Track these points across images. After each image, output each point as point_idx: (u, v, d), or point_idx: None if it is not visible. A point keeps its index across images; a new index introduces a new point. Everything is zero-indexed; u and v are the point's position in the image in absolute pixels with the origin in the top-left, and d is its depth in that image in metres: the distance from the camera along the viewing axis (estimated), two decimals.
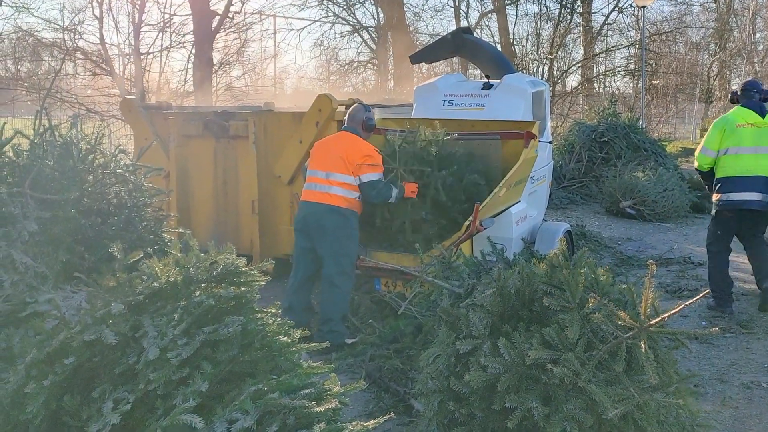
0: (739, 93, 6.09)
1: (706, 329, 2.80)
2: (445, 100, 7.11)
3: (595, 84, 26.73)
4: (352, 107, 5.63)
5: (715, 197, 5.98)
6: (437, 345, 3.29)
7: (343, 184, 5.23)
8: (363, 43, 23.71)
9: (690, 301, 2.78)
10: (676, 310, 2.68)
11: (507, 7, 22.76)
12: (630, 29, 26.60)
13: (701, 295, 2.93)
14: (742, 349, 5.18)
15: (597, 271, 3.19)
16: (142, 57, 15.38)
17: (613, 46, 26.17)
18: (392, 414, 3.27)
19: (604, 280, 3.16)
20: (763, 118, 5.85)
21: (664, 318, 2.68)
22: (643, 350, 2.66)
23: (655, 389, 2.79)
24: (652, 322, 2.68)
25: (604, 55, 26.48)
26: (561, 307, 2.80)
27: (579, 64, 24.67)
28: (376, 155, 5.34)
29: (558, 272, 3.09)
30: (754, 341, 5.37)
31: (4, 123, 3.79)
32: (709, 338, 5.23)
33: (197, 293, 2.62)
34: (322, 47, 24.27)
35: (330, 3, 22.65)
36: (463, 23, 23.29)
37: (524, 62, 22.45)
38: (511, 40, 22.67)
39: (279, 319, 2.72)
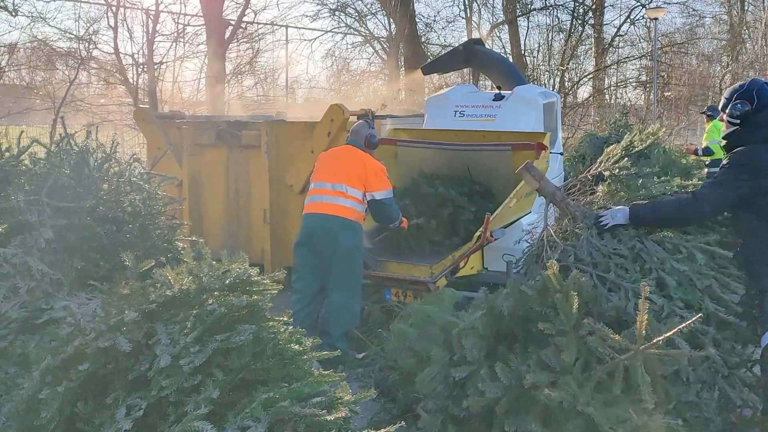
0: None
1: (704, 350, 2.75)
2: (456, 111, 7.13)
3: (606, 95, 26.70)
4: (356, 122, 5.62)
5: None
6: (433, 366, 3.27)
7: (352, 197, 5.16)
8: (374, 54, 23.81)
9: (685, 324, 2.73)
10: (671, 333, 2.65)
11: (518, 18, 22.79)
12: (642, 41, 26.59)
13: (696, 317, 2.86)
14: None
15: (588, 293, 3.16)
16: (155, 67, 15.50)
17: (624, 58, 26.15)
18: (402, 423, 3.28)
19: (595, 299, 3.14)
20: None
21: (660, 341, 2.65)
22: (639, 373, 2.62)
23: (654, 410, 2.77)
24: (647, 344, 2.65)
25: (615, 67, 26.45)
26: (557, 330, 2.78)
27: (590, 76, 24.65)
28: (386, 172, 5.33)
29: (551, 294, 3.06)
30: None
31: (21, 132, 3.85)
32: None
33: (210, 301, 2.64)
34: (333, 57, 24.27)
35: (342, 14, 22.77)
36: (475, 34, 23.32)
37: (535, 73, 22.44)
38: (523, 52, 22.68)
39: (291, 328, 2.74)
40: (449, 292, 5.02)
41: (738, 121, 3.75)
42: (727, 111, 3.80)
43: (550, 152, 6.27)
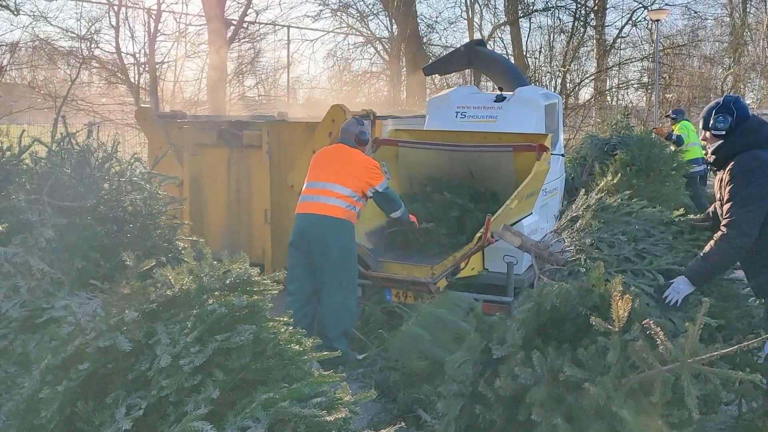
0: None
1: (752, 375, 2.68)
2: (458, 112, 7.13)
3: (607, 97, 26.70)
4: (345, 120, 5.66)
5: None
6: (466, 350, 3.28)
7: (344, 196, 5.16)
8: (376, 54, 23.82)
9: (748, 343, 2.69)
10: (726, 351, 2.59)
11: (520, 19, 22.80)
12: (643, 42, 26.59)
13: (764, 337, 2.83)
14: None
15: (636, 299, 3.15)
16: (157, 66, 15.50)
17: (626, 60, 26.16)
18: (402, 423, 3.27)
19: (639, 308, 3.13)
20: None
21: (713, 356, 2.58)
22: (685, 386, 2.58)
23: (682, 426, 2.73)
24: (697, 359, 2.59)
25: (617, 68, 26.46)
26: (604, 329, 2.77)
27: (592, 77, 24.65)
28: (376, 167, 5.37)
29: (593, 296, 3.07)
30: None
31: (23, 131, 3.85)
32: None
33: (210, 301, 2.63)
34: (335, 58, 24.30)
35: (344, 14, 22.80)
36: (477, 35, 23.32)
37: (537, 75, 22.44)
38: (524, 53, 22.70)
39: (291, 328, 2.74)
40: (465, 297, 5.01)
41: (723, 133, 3.86)
42: (710, 126, 3.92)
43: (552, 153, 6.27)
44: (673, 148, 11.10)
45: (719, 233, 3.82)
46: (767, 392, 3.51)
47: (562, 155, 8.00)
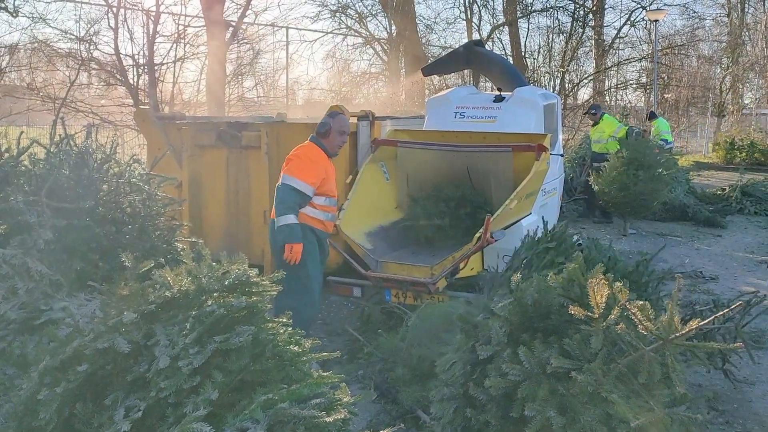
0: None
1: (731, 344, 2.72)
2: (456, 113, 7.13)
3: (606, 97, 26.72)
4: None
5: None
6: (454, 352, 3.28)
7: None
8: (375, 55, 23.83)
9: (722, 312, 2.75)
10: (705, 322, 2.62)
11: (519, 20, 22.80)
12: (642, 43, 26.63)
13: (735, 305, 2.89)
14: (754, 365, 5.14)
15: (614, 285, 3.17)
16: (156, 68, 15.49)
17: (624, 60, 26.18)
18: (402, 425, 3.27)
19: (620, 295, 3.14)
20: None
21: (692, 329, 2.61)
22: (669, 362, 2.60)
23: (673, 404, 2.75)
24: (677, 335, 2.61)
25: (615, 69, 26.48)
26: (585, 316, 2.78)
27: (591, 78, 24.65)
28: (296, 159, 5.05)
29: (576, 286, 3.07)
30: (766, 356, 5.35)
31: (21, 132, 3.85)
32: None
33: (209, 303, 2.63)
34: (334, 59, 24.29)
35: (343, 15, 22.80)
36: (475, 36, 23.32)
37: (536, 75, 22.46)
38: (523, 53, 22.69)
39: (290, 329, 2.73)
40: (470, 297, 5.00)
41: None
42: None
43: (551, 154, 6.27)
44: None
45: None
46: None
47: (561, 155, 8.00)
